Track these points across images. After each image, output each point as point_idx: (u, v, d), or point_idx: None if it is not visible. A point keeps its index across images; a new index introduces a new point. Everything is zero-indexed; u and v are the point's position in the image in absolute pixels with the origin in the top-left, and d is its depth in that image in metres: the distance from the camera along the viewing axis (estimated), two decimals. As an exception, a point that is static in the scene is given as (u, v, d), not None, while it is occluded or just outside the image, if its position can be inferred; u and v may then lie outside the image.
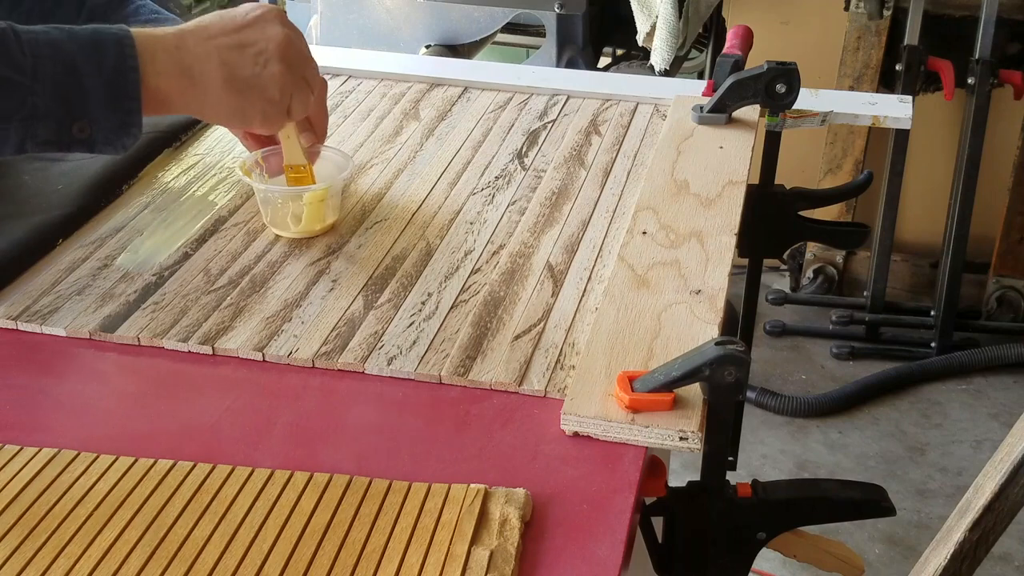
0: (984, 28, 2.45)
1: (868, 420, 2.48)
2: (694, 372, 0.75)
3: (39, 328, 0.89)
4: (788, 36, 2.73)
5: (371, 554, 0.66)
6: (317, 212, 1.01)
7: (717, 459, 0.81)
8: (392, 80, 1.37)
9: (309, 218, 1.01)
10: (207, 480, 0.72)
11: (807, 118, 1.25)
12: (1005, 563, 2.09)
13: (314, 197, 1.00)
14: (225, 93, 0.91)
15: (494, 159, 1.17)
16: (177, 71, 0.89)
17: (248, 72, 0.92)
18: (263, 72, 0.92)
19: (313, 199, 1.00)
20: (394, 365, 0.84)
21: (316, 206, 1.00)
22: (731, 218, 1.01)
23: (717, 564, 0.85)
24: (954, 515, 1.27)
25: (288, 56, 0.93)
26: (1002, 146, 2.63)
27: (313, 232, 1.01)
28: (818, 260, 2.83)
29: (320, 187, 1.01)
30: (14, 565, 0.65)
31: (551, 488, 0.73)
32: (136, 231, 1.03)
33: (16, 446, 0.75)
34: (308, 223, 1.01)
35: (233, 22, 0.92)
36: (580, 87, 1.33)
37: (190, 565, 0.65)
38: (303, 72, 0.96)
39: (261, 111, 0.94)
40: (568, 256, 0.99)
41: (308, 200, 1.00)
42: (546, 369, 0.84)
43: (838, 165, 2.75)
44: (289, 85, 0.94)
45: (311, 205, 1.00)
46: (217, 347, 0.87)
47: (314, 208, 1.00)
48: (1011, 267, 2.69)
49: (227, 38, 0.91)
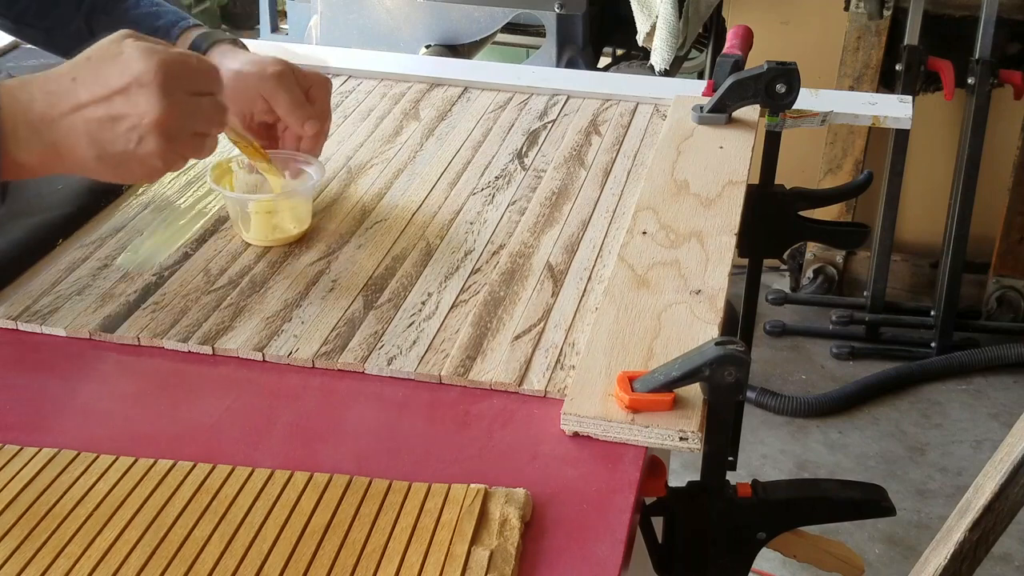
0: (984, 28, 2.45)
1: (868, 420, 2.48)
2: (694, 372, 0.75)
3: (39, 328, 0.89)
4: (788, 36, 2.73)
5: (371, 554, 0.66)
6: (266, 222, 0.98)
7: (717, 459, 0.81)
8: (392, 80, 1.37)
9: (258, 227, 0.98)
10: (207, 480, 0.72)
11: (807, 118, 1.25)
12: (1005, 563, 2.09)
13: (260, 207, 0.98)
14: (98, 166, 0.84)
15: (494, 159, 1.17)
16: (41, 147, 0.82)
17: (120, 148, 0.82)
18: (137, 149, 0.82)
19: (259, 208, 0.98)
20: (394, 365, 0.84)
21: (263, 216, 0.98)
22: (731, 218, 1.01)
23: (717, 564, 0.85)
24: (954, 515, 1.27)
25: (166, 129, 0.82)
26: (1002, 146, 2.62)
27: (267, 242, 0.99)
28: (818, 260, 2.82)
29: (265, 197, 0.99)
30: (14, 565, 0.65)
31: (551, 488, 0.73)
32: (136, 231, 1.03)
33: (16, 446, 0.75)
34: (258, 232, 0.98)
35: (106, 85, 0.81)
36: (580, 87, 1.33)
37: (190, 565, 0.65)
38: (191, 131, 0.85)
39: (143, 177, 0.86)
40: (568, 256, 0.99)
41: (254, 209, 0.98)
42: (546, 369, 0.84)
43: (838, 165, 2.75)
44: (171, 152, 0.84)
45: (258, 215, 0.98)
46: (217, 347, 0.87)
47: (262, 218, 0.98)
48: (1011, 267, 2.69)
49: (96, 108, 0.81)
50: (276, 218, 0.99)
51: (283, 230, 0.99)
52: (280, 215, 0.99)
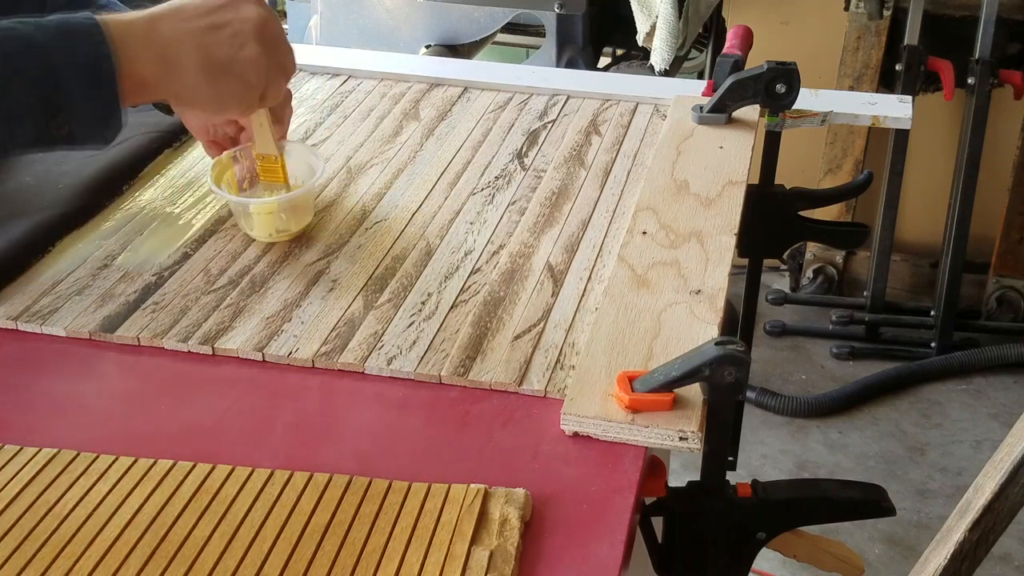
0: (984, 28, 2.45)
1: (868, 420, 2.48)
2: (694, 372, 0.75)
3: (39, 328, 0.89)
4: (788, 36, 2.73)
5: (371, 554, 0.66)
6: (268, 222, 0.99)
7: (717, 459, 0.81)
8: (392, 80, 1.37)
9: (260, 226, 0.99)
10: (207, 480, 0.72)
11: (807, 118, 1.25)
12: (1005, 563, 2.09)
13: (261, 209, 0.99)
14: (201, 76, 0.88)
15: (494, 159, 1.17)
16: (151, 56, 0.86)
17: (224, 54, 0.89)
18: (239, 54, 0.89)
19: (260, 211, 0.99)
20: (394, 365, 0.84)
21: (265, 217, 0.99)
22: (731, 218, 1.01)
23: (717, 564, 0.85)
24: (954, 515, 1.27)
25: (264, 37, 0.91)
26: (1002, 146, 2.62)
27: (273, 239, 1.00)
28: (818, 260, 2.82)
29: (269, 200, 1.00)
30: (14, 565, 0.65)
31: (551, 488, 0.73)
32: (136, 231, 1.03)
33: (16, 446, 0.75)
34: (261, 230, 0.99)
35: (206, 4, 0.89)
36: (580, 87, 1.33)
37: (190, 565, 0.65)
38: (278, 56, 0.93)
39: (237, 95, 0.91)
40: (568, 256, 0.99)
41: (256, 211, 0.99)
42: (546, 369, 0.84)
43: (838, 165, 2.75)
44: (264, 68, 0.91)
45: (259, 216, 0.99)
46: (217, 347, 0.87)
47: (263, 219, 0.99)
48: (1011, 267, 2.69)
49: (201, 20, 0.88)
50: (278, 217, 0.99)
51: (286, 227, 1.00)
52: (282, 213, 1.00)
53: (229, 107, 0.93)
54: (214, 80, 0.89)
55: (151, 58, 0.87)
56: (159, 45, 0.87)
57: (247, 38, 0.89)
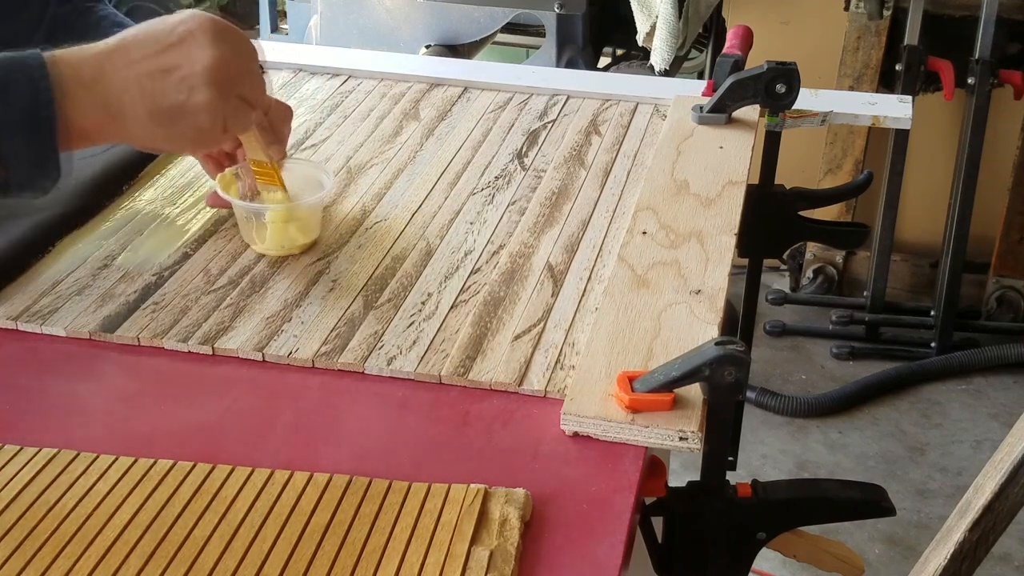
0: (984, 28, 2.45)
1: (868, 420, 2.48)
2: (694, 372, 0.75)
3: (39, 328, 0.89)
4: (788, 36, 2.73)
5: (371, 554, 0.66)
6: (282, 232, 0.97)
7: (717, 459, 0.81)
8: (392, 80, 1.37)
9: (273, 236, 0.97)
10: (207, 480, 0.72)
11: (807, 118, 1.25)
12: (1005, 563, 2.09)
13: (276, 216, 0.97)
14: (150, 125, 0.84)
15: (494, 159, 1.17)
16: (96, 104, 0.82)
17: (172, 101, 0.83)
18: (188, 101, 0.83)
19: (275, 218, 0.97)
20: (394, 365, 0.84)
21: (280, 225, 0.97)
22: (731, 218, 1.01)
23: (717, 564, 0.85)
24: (954, 515, 1.28)
25: (217, 80, 0.83)
26: (1002, 146, 2.62)
27: (282, 251, 0.98)
28: (818, 260, 2.82)
29: (282, 207, 0.98)
30: (14, 565, 0.65)
31: (551, 488, 0.73)
32: (136, 231, 1.03)
33: (16, 446, 0.75)
34: (272, 242, 0.98)
35: (158, 42, 0.83)
36: (580, 87, 1.33)
37: (190, 565, 0.65)
38: (238, 92, 0.86)
39: (192, 138, 0.87)
40: (568, 256, 0.99)
41: (270, 219, 0.97)
42: (546, 369, 0.84)
43: (838, 165, 2.75)
44: (219, 110, 0.85)
45: (274, 224, 0.97)
46: (217, 347, 0.87)
47: (277, 228, 0.97)
48: (1011, 267, 2.69)
49: (149, 63, 0.82)
50: (291, 227, 0.98)
51: (296, 239, 0.98)
52: (294, 224, 0.98)
53: (185, 149, 0.88)
54: (163, 128, 0.84)
55: (95, 106, 0.82)
56: (104, 95, 0.82)
57: (197, 83, 0.83)
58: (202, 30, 0.84)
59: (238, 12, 4.30)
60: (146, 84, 0.82)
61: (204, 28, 0.84)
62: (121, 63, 0.82)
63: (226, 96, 0.85)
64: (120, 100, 0.82)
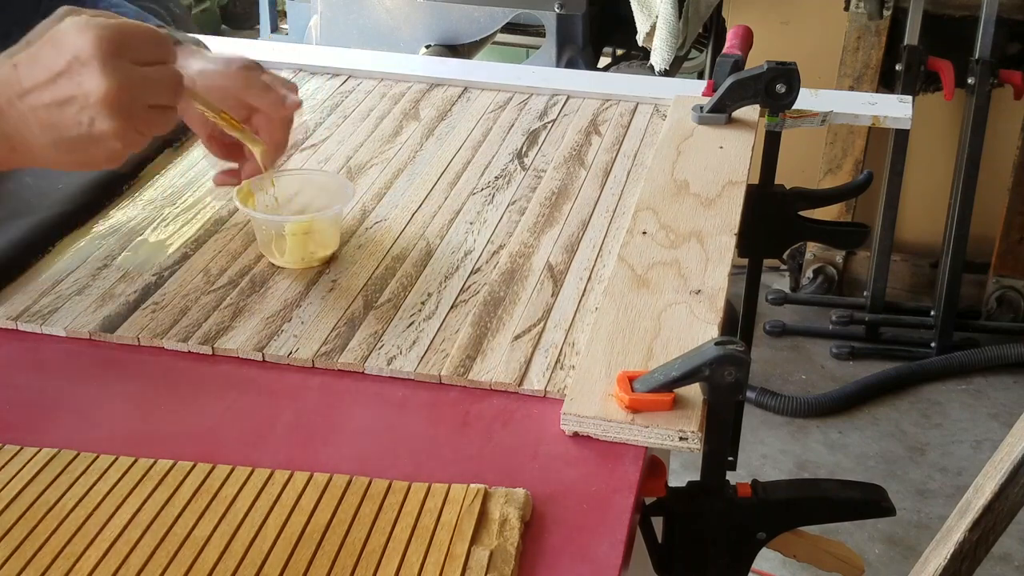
0: (984, 28, 2.45)
1: (868, 420, 2.48)
2: (694, 372, 0.75)
3: (39, 328, 0.89)
4: (788, 36, 2.73)
5: (371, 554, 0.66)
6: (302, 244, 0.96)
7: (717, 459, 0.81)
8: (392, 80, 1.37)
9: (293, 249, 0.96)
10: (207, 480, 0.72)
11: (807, 118, 1.25)
12: (1005, 563, 2.09)
13: (297, 228, 0.96)
14: (58, 153, 0.80)
15: (494, 159, 1.17)
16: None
17: (75, 133, 0.78)
18: (91, 131, 0.78)
19: (296, 230, 0.96)
20: (394, 365, 0.84)
21: (300, 238, 0.96)
22: (731, 218, 1.01)
23: (717, 564, 0.85)
24: (954, 515, 1.27)
25: (116, 106, 0.78)
26: (1002, 146, 2.62)
27: (300, 264, 0.96)
28: (818, 260, 2.83)
29: (303, 219, 0.96)
30: (14, 565, 0.65)
31: (551, 488, 0.73)
32: (136, 231, 1.03)
33: (16, 446, 0.75)
34: (292, 255, 0.96)
35: (47, 69, 0.78)
36: (580, 87, 1.33)
37: (190, 565, 0.65)
38: (145, 103, 0.80)
39: (108, 160, 0.82)
40: (568, 256, 0.99)
41: (290, 231, 0.96)
42: (546, 369, 0.84)
43: (838, 165, 2.75)
44: (129, 130, 0.80)
45: (294, 236, 0.96)
46: (217, 347, 0.87)
47: (298, 240, 0.96)
48: (1011, 267, 2.69)
49: (42, 94, 0.78)
50: (310, 239, 0.96)
51: (316, 252, 0.97)
52: (314, 236, 0.97)
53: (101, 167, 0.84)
54: (73, 154, 0.81)
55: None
56: (2, 129, 0.79)
57: (95, 112, 0.78)
58: (88, 54, 0.77)
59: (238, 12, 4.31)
60: (43, 116, 0.78)
61: (90, 51, 0.77)
62: (13, 94, 0.78)
63: (131, 116, 0.79)
64: (21, 134, 0.79)
